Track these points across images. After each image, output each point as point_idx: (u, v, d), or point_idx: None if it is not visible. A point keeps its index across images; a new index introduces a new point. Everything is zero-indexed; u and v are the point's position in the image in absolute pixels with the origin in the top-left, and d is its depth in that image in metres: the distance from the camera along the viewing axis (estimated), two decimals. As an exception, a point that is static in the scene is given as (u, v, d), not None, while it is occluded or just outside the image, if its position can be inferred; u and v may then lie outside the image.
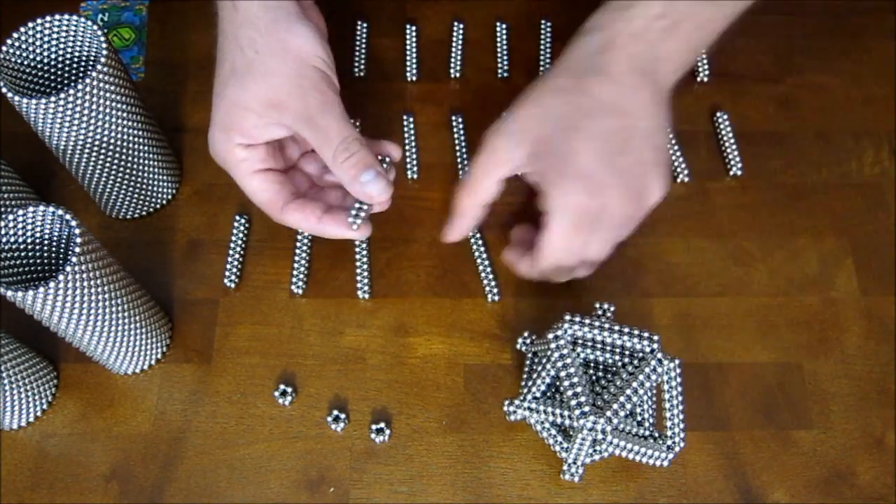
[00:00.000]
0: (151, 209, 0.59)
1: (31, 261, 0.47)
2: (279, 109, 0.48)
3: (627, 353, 0.48)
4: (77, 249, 0.43)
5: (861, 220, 0.58)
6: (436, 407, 0.53)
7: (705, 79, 0.63)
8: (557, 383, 0.49)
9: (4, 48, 0.49)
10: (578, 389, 0.46)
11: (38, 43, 0.50)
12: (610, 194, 0.48)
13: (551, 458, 0.51)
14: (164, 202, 0.59)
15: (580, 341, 0.48)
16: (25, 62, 0.50)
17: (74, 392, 0.54)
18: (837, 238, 0.58)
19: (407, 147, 0.61)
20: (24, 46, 0.50)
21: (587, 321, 0.48)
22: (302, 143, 0.54)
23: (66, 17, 0.50)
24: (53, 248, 0.47)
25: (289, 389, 0.53)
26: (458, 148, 0.61)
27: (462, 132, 0.61)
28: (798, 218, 0.58)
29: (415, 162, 0.60)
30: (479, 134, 0.61)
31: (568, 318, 0.48)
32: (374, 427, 0.52)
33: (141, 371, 0.54)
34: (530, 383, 0.49)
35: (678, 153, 0.60)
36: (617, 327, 0.47)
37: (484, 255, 0.57)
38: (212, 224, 0.58)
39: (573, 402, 0.46)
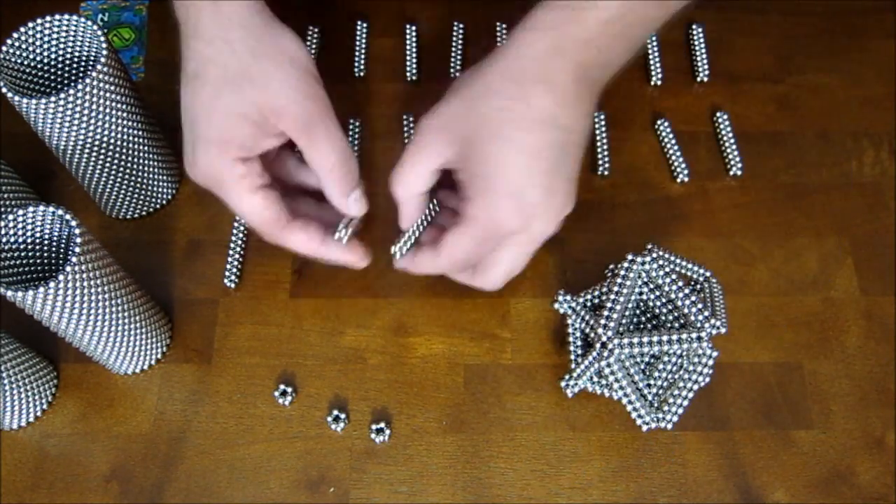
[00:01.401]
0: (151, 209, 0.59)
1: (31, 261, 0.47)
2: (279, 116, 0.46)
3: (681, 316, 0.49)
4: (77, 249, 0.43)
5: (861, 220, 0.58)
6: (436, 407, 0.53)
7: (705, 79, 0.63)
8: (605, 299, 0.50)
9: (4, 48, 0.49)
10: (618, 307, 0.48)
11: (38, 43, 0.50)
12: (535, 215, 0.46)
13: (551, 458, 0.51)
14: (164, 202, 0.59)
15: (649, 281, 0.50)
16: (25, 62, 0.50)
17: (74, 392, 0.54)
18: (837, 238, 0.58)
19: (407, 147, 0.61)
20: (24, 46, 0.50)
21: (667, 269, 0.49)
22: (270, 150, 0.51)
23: (66, 17, 0.50)
24: (53, 248, 0.47)
25: (289, 389, 0.53)
26: (458, 148, 0.60)
27: (462, 132, 0.61)
28: (798, 218, 0.58)
29: (415, 162, 0.60)
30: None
31: (656, 253, 0.49)
32: (374, 427, 0.52)
33: (141, 371, 0.54)
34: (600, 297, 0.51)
35: (678, 153, 0.60)
36: (688, 290, 0.49)
37: None
38: (212, 224, 0.58)
39: (605, 314, 0.48)
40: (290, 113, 0.46)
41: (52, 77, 0.52)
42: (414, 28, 0.65)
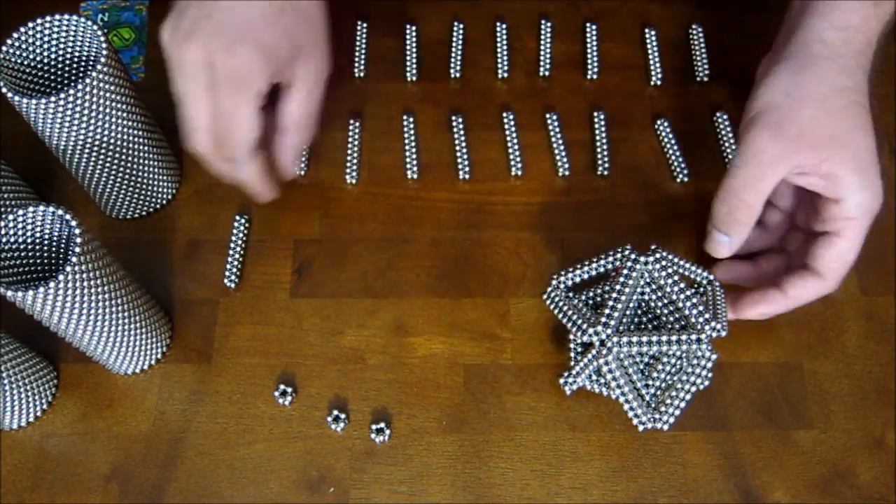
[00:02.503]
0: (151, 209, 0.59)
1: (31, 261, 0.47)
2: (306, 59, 0.50)
3: (682, 317, 0.49)
4: (77, 249, 0.43)
5: (861, 220, 0.58)
6: (436, 407, 0.53)
7: (705, 79, 0.63)
8: (606, 297, 0.50)
9: (4, 48, 0.49)
10: (619, 306, 0.48)
11: (38, 43, 0.50)
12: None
13: (551, 458, 0.51)
14: (164, 202, 0.59)
15: (652, 281, 0.50)
16: (25, 62, 0.50)
17: (74, 392, 0.54)
18: (837, 238, 0.57)
19: (407, 147, 0.61)
20: (24, 46, 0.50)
21: (670, 270, 0.49)
22: None
23: (66, 17, 0.50)
24: (53, 248, 0.47)
25: (289, 389, 0.53)
26: (458, 148, 0.61)
27: (462, 132, 0.61)
28: (798, 218, 0.58)
29: (415, 162, 0.60)
30: (479, 134, 0.61)
31: (659, 254, 0.49)
32: (374, 427, 0.52)
33: (141, 371, 0.54)
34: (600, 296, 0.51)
35: (678, 153, 0.60)
36: (690, 292, 0.48)
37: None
38: (212, 224, 0.58)
39: (606, 313, 0.48)
40: (313, 61, 0.50)
41: (52, 77, 0.52)
42: (414, 28, 0.65)
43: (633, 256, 0.49)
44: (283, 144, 0.52)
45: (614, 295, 0.48)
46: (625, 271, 0.49)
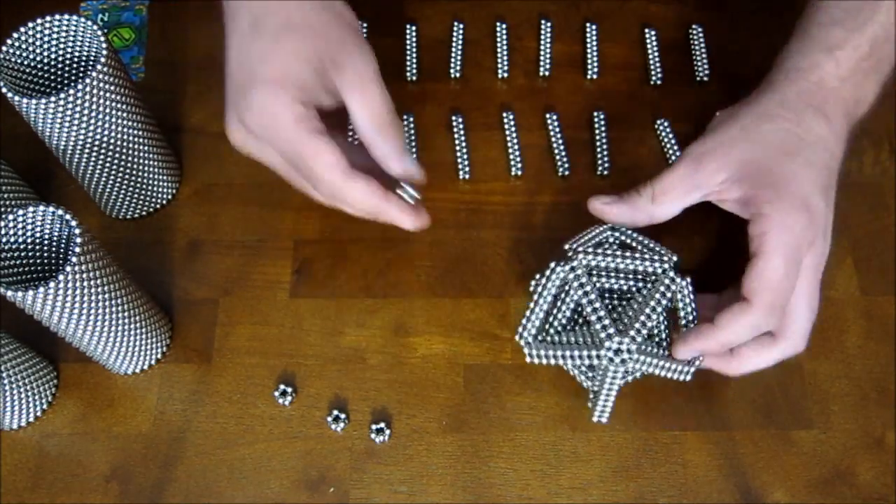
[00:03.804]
0: (151, 209, 0.59)
1: (31, 261, 0.47)
2: (339, 69, 0.45)
3: (640, 276, 0.49)
4: (77, 249, 0.43)
5: (861, 220, 0.58)
6: (436, 407, 0.53)
7: (705, 79, 0.63)
8: (577, 314, 0.50)
9: (4, 48, 0.49)
10: (602, 313, 0.47)
11: (38, 43, 0.50)
12: (820, 226, 0.47)
13: (551, 458, 0.51)
14: (164, 202, 0.59)
15: (594, 271, 0.49)
16: (25, 62, 0.50)
17: (74, 392, 0.54)
18: (837, 238, 0.57)
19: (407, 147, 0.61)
20: (24, 46, 0.50)
21: (599, 251, 0.49)
22: None
23: (66, 17, 0.50)
24: (53, 248, 0.47)
25: (289, 389, 0.53)
26: (458, 148, 0.61)
27: (462, 132, 0.61)
28: (798, 218, 0.58)
29: (415, 162, 0.60)
30: (480, 134, 0.61)
31: (581, 251, 0.49)
32: (374, 427, 0.52)
33: (141, 371, 0.54)
34: (552, 318, 0.50)
35: (678, 153, 0.60)
36: (628, 254, 0.48)
37: None
38: (212, 224, 0.58)
39: (599, 327, 0.46)
40: (349, 67, 0.45)
41: (52, 77, 0.52)
42: (414, 28, 0.65)
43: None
44: (380, 157, 0.48)
45: (589, 309, 0.47)
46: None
